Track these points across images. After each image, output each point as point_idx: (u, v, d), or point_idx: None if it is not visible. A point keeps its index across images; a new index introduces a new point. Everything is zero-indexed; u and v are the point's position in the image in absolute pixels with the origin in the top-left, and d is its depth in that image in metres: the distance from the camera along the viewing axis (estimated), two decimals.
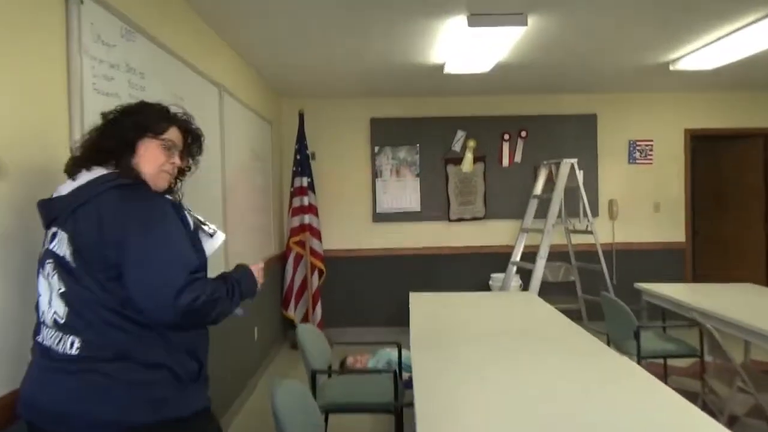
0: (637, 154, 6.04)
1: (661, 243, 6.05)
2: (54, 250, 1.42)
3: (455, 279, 6.04)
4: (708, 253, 6.42)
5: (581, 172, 4.85)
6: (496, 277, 5.80)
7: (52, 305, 1.41)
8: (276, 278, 5.58)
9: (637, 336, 3.53)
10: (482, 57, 4.08)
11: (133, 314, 1.38)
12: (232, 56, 4.13)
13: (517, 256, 5.01)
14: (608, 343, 3.48)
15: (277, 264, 5.58)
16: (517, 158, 6.01)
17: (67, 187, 1.46)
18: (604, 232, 5.89)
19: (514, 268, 5.01)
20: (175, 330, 1.45)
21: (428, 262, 6.07)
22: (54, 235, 1.43)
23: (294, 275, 5.68)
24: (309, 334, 2.96)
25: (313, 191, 5.73)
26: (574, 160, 4.83)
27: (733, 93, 6.03)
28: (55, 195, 1.48)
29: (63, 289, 1.39)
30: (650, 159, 6.06)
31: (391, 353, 4.73)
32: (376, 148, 6.03)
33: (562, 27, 3.71)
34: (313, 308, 5.71)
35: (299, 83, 5.35)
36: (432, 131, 6.01)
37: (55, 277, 1.40)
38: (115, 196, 1.41)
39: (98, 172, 1.45)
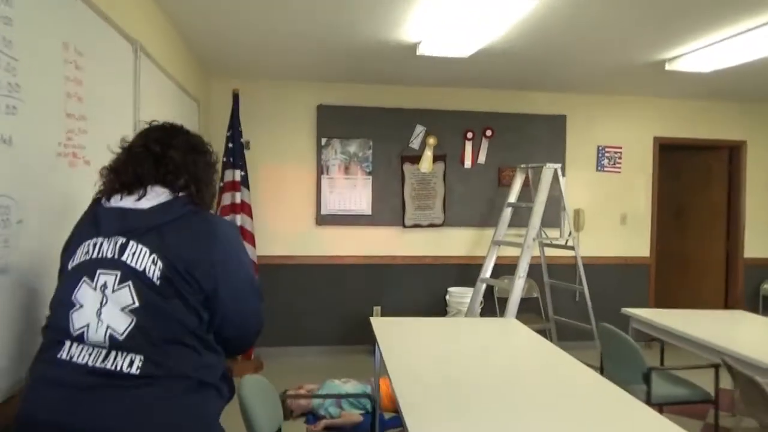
0: (606, 161, 5.61)
1: (626, 258, 5.66)
2: (128, 261, 1.35)
3: (408, 292, 5.34)
4: (666, 270, 6.12)
5: (564, 178, 4.29)
6: (454, 292, 5.16)
7: (104, 319, 1.31)
8: None
9: (647, 379, 2.97)
10: (470, 36, 3.38)
11: (204, 335, 1.40)
12: (152, 9, 3.17)
13: (487, 272, 4.38)
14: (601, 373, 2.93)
15: None
16: (481, 159, 5.39)
17: (138, 202, 1.42)
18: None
19: (483, 286, 4.37)
20: (229, 353, 1.51)
21: (379, 273, 5.33)
22: (123, 247, 1.36)
23: None
24: (256, 391, 2.12)
25: (247, 187, 4.83)
26: (557, 166, 4.25)
27: (703, 101, 5.73)
28: (120, 205, 1.43)
29: (136, 304, 1.32)
30: (618, 167, 5.64)
31: (340, 386, 3.95)
32: (323, 140, 5.21)
33: (570, 8, 3.09)
34: None
35: (234, 59, 4.42)
36: (388, 124, 5.26)
37: (125, 290, 1.32)
38: (204, 223, 1.44)
39: (164, 193, 1.44)
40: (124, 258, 1.35)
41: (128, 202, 1.42)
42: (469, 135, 5.35)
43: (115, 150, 1.54)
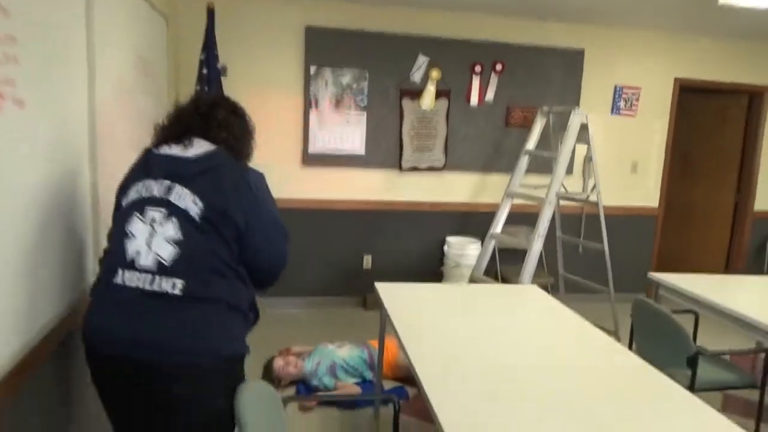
0: (622, 104, 5.12)
1: (633, 208, 5.30)
2: (173, 201, 1.58)
3: (403, 241, 4.90)
4: (668, 220, 5.82)
5: (592, 126, 3.78)
6: (454, 243, 4.75)
7: (154, 248, 1.54)
8: None
9: (692, 363, 2.64)
10: None
11: (236, 266, 1.64)
12: None
13: (498, 226, 3.94)
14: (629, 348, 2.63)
15: None
16: (489, 97, 4.83)
17: (185, 150, 1.67)
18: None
19: (493, 243, 3.94)
20: (258, 285, 1.76)
21: (372, 219, 4.85)
22: (169, 189, 1.60)
23: None
24: (257, 403, 1.66)
25: None
26: (585, 113, 3.73)
27: (729, 41, 5.21)
28: (169, 153, 1.67)
29: (179, 237, 1.55)
30: (634, 110, 5.16)
31: (335, 351, 3.55)
32: (313, 69, 4.54)
33: None
34: None
35: None
36: (387, 53, 4.61)
37: (170, 224, 1.56)
38: (238, 172, 1.68)
39: (207, 145, 1.69)
40: (170, 198, 1.58)
41: (176, 150, 1.67)
42: (477, 69, 4.75)
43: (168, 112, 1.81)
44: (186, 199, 1.57)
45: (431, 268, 4.92)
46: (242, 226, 1.61)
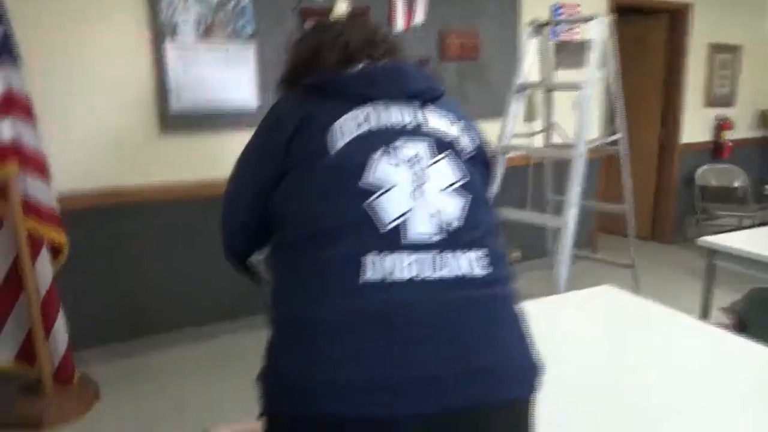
0: (562, 27, 4.20)
1: None
2: (440, 128, 0.95)
3: None
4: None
5: (612, 38, 2.70)
6: None
7: (431, 202, 0.87)
8: None
9: None
10: None
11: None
12: None
13: None
14: None
15: None
16: (418, 18, 3.55)
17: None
18: (517, 139, 3.98)
19: None
20: None
21: None
22: (423, 111, 0.96)
23: None
24: None
25: (15, 62, 2.38)
26: (607, 20, 2.64)
27: None
28: (382, 66, 1.02)
29: (465, 179, 0.92)
30: (575, 34, 4.28)
31: None
32: None
33: None
34: (48, 327, 2.57)
35: None
36: None
37: (444, 162, 0.91)
38: None
39: None
40: (432, 124, 0.95)
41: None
42: None
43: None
44: (445, 122, 0.96)
45: None
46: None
